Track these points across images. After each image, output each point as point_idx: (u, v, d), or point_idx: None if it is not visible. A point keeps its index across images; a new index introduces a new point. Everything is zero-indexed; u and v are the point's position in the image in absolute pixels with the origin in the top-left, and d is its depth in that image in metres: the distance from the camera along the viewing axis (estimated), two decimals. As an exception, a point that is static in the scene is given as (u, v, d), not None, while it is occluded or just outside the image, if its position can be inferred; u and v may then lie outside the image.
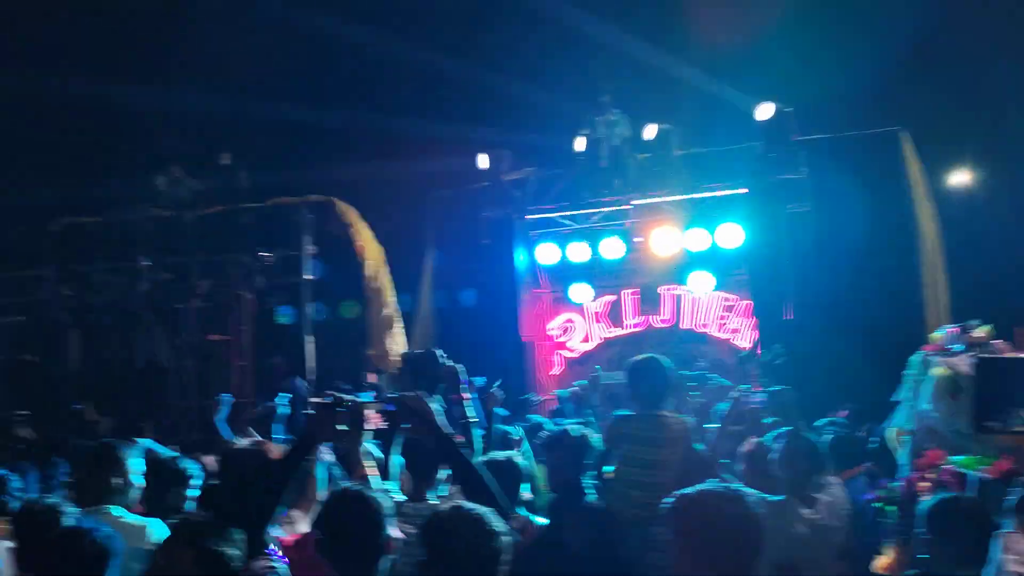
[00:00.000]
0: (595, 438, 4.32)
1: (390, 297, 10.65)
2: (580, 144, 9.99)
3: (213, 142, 11.06)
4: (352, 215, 10.58)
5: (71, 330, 10.53)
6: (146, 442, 4.68)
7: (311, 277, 10.36)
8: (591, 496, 4.20)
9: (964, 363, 5.16)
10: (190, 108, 11.03)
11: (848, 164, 9.62)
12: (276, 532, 2.80)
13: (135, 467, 4.09)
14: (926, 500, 3.59)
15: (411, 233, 11.12)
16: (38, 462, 5.49)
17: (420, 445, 3.85)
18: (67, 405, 8.32)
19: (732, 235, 9.84)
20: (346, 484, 2.92)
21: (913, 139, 9.76)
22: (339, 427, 2.76)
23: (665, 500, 2.53)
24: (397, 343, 10.54)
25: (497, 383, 5.51)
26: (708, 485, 2.54)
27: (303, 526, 3.09)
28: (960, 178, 11.25)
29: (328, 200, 10.55)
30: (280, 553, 2.69)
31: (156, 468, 4.19)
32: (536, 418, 6.75)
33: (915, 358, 5.70)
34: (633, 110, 10.48)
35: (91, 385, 9.48)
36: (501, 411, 5.89)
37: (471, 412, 4.08)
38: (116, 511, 3.78)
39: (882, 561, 3.69)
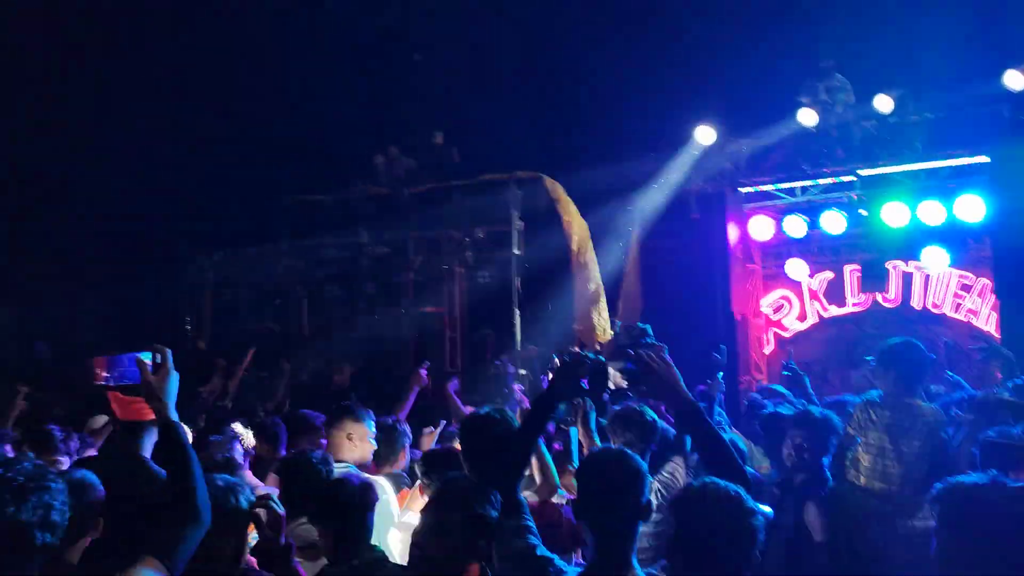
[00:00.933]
0: (836, 420, 4.09)
1: (595, 272, 10.63)
2: (804, 116, 9.41)
3: (426, 122, 11.53)
4: (559, 190, 10.63)
5: (303, 300, 11.36)
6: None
7: (519, 252, 10.54)
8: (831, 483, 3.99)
9: None
10: (407, 90, 11.54)
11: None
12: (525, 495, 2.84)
13: (369, 429, 4.34)
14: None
15: (618, 207, 11.00)
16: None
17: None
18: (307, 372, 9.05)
19: (972, 207, 8.97)
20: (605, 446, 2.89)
21: None
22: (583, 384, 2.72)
23: (932, 489, 2.33)
24: (603, 318, 10.53)
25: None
26: (979, 478, 2.32)
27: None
28: None
29: (536, 175, 10.67)
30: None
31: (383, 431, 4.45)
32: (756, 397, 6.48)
33: None
34: (857, 74, 9.78)
35: (320, 352, 10.18)
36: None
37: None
38: (351, 468, 4.01)
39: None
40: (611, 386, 2.79)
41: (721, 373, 5.28)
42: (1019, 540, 2.16)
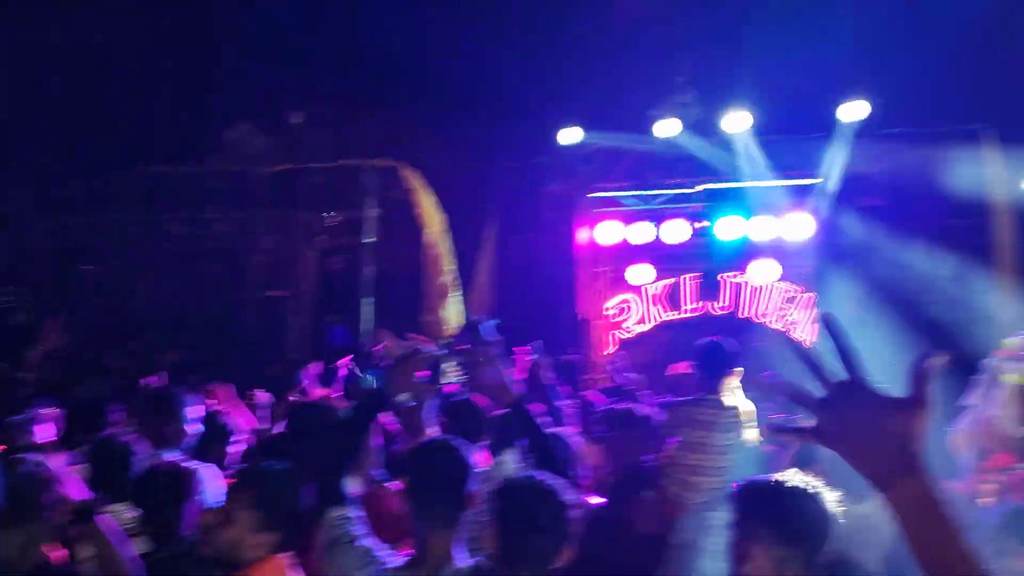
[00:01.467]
0: (658, 418, 4.31)
1: (448, 265, 10.70)
2: (661, 128, 9.79)
3: (284, 101, 11.20)
4: (416, 181, 10.63)
5: (141, 275, 10.80)
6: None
7: (372, 240, 10.45)
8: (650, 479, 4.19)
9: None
10: (264, 65, 11.14)
11: (926, 160, 9.35)
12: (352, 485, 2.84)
13: (192, 416, 4.19)
14: (992, 504, 3.51)
15: (474, 203, 11.11)
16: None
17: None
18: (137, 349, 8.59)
19: (799, 226, 9.65)
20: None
21: (996, 139, 9.43)
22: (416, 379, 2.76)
23: (729, 485, 2.49)
24: (453, 312, 10.60)
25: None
26: (781, 476, 2.49)
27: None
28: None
29: (393, 164, 10.61)
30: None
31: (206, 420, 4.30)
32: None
33: (986, 362, 5.56)
34: (706, 93, 10.29)
35: (159, 330, 9.74)
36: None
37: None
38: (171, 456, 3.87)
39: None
40: (445, 380, 2.85)
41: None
42: (810, 535, 2.31)
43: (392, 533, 3.36)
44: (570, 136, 10.05)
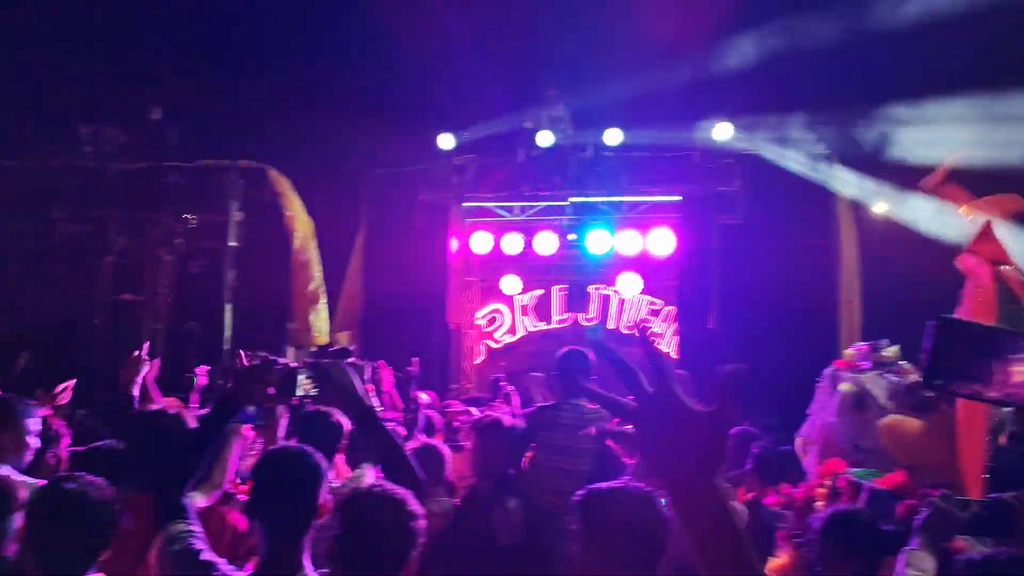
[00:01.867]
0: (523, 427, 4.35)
1: (316, 272, 10.46)
2: (542, 138, 9.89)
3: (144, 95, 10.66)
4: (284, 184, 10.35)
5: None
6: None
7: (235, 244, 10.09)
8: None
9: (871, 380, 5.38)
10: (125, 57, 10.59)
11: (780, 182, 9.88)
12: (194, 498, 2.72)
13: (32, 427, 3.91)
14: (821, 507, 3.73)
15: (345, 209, 10.94)
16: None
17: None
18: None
19: (663, 241, 9.99)
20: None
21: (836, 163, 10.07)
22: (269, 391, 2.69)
23: (578, 492, 2.54)
24: (320, 319, 10.37)
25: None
26: (621, 483, 2.55)
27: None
28: (880, 207, 11.69)
29: (260, 166, 10.30)
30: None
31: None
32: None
33: (826, 372, 5.93)
34: (577, 108, 10.53)
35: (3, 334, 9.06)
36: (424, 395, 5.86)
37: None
38: (4, 470, 3.60)
39: (775, 563, 3.79)
40: (299, 392, 2.81)
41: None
42: (650, 539, 2.37)
43: (242, 549, 3.25)
44: (445, 142, 10.05)
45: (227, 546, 2.96)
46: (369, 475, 3.95)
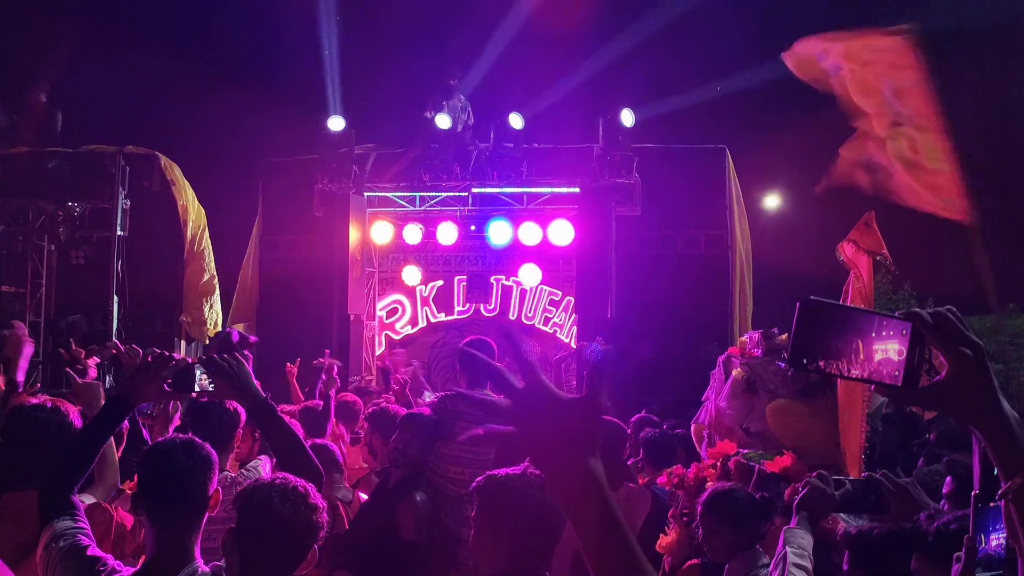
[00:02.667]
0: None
1: (210, 262, 10.15)
2: (441, 121, 9.82)
3: (27, 77, 10.10)
4: (175, 172, 9.98)
5: None
6: None
7: (123, 233, 9.68)
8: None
9: (762, 366, 5.60)
10: (6, 37, 10.00)
11: (676, 174, 10.16)
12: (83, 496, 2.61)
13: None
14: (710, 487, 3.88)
15: (241, 198, 10.65)
16: None
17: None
18: None
19: (562, 232, 10.11)
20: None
21: (735, 159, 10.45)
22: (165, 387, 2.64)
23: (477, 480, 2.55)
24: (214, 311, 10.08)
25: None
26: (519, 469, 2.57)
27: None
28: (771, 201, 12.23)
29: (150, 153, 9.90)
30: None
31: None
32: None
33: (720, 359, 6.13)
34: (477, 99, 10.55)
35: None
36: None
37: None
38: None
39: (664, 540, 3.91)
40: (197, 388, 2.76)
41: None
42: (544, 527, 2.40)
43: (130, 545, 3.14)
44: (335, 124, 9.87)
45: (114, 542, 2.85)
46: (265, 466, 3.88)
